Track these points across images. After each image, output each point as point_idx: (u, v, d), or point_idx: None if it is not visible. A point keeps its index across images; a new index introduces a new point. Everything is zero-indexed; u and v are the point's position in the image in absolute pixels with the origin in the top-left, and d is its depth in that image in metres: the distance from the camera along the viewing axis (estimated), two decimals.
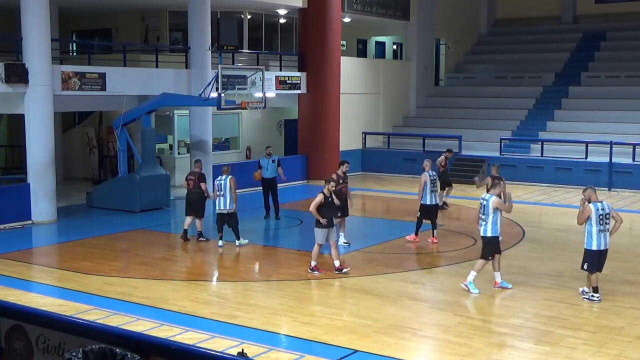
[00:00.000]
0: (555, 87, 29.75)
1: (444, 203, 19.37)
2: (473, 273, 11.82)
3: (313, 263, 12.98)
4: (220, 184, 14.99)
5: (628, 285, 12.23)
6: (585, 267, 11.30)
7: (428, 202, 15.47)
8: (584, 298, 11.29)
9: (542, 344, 9.51)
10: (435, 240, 15.51)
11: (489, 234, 11.85)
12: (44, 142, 17.59)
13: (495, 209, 11.76)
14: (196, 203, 15.74)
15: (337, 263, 12.87)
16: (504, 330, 10.03)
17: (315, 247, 12.97)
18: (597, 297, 11.20)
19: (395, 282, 12.48)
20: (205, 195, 15.80)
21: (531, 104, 29.08)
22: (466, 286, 11.74)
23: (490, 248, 11.87)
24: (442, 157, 19.67)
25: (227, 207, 14.91)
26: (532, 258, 14.43)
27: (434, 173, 15.88)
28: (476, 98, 30.36)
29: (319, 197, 12.79)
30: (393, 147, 28.09)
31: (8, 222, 17.12)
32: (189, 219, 15.84)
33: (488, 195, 11.94)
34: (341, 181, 14.96)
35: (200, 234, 15.74)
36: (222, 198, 14.94)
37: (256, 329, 10.07)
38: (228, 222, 15.06)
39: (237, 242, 15.14)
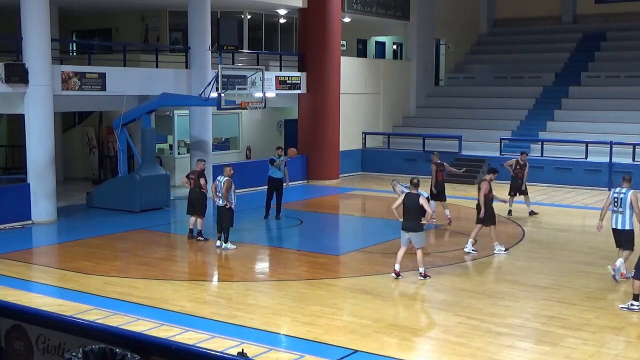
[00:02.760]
0: (555, 87, 29.75)
1: (532, 211, 18.70)
2: (621, 260, 12.38)
3: (423, 269, 12.63)
4: (218, 185, 14.99)
5: (628, 285, 12.21)
6: (633, 273, 10.87)
7: None
8: (622, 308, 10.88)
9: (542, 344, 9.52)
10: None
11: (627, 227, 12.28)
12: (44, 142, 17.58)
13: (631, 202, 12.16)
14: (197, 202, 15.73)
15: (422, 269, 12.63)
16: (504, 330, 10.03)
17: (422, 252, 12.63)
18: (638, 306, 10.77)
19: (395, 282, 12.48)
20: (204, 191, 15.76)
21: (531, 104, 29.08)
22: (627, 277, 12.08)
23: (633, 239, 12.34)
24: (513, 160, 18.93)
25: (222, 203, 14.90)
26: (532, 258, 14.43)
27: (404, 184, 16.01)
28: (476, 98, 30.36)
29: (425, 199, 12.56)
30: (393, 147, 28.09)
31: (8, 222, 17.12)
32: (192, 219, 15.83)
33: (624, 189, 12.29)
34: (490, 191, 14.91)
35: (199, 233, 15.72)
36: (219, 199, 14.93)
37: (256, 329, 10.07)
38: (222, 220, 15.00)
39: (223, 244, 14.96)
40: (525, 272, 13.22)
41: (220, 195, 14.86)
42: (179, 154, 24.19)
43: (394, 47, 33.94)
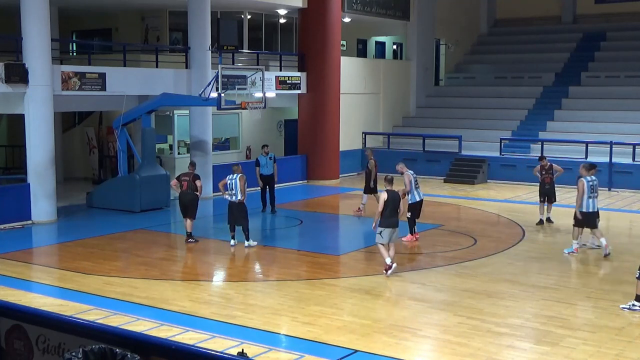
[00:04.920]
0: (555, 87, 29.75)
1: (548, 219, 17.96)
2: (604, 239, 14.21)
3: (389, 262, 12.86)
4: (231, 183, 15.04)
5: (628, 285, 12.21)
6: (638, 274, 10.74)
7: (417, 199, 15.63)
8: (623, 308, 10.83)
9: (542, 344, 9.52)
10: (417, 237, 15.58)
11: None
12: (44, 142, 17.58)
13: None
14: (190, 203, 15.71)
15: (388, 261, 12.84)
16: (504, 330, 10.03)
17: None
18: (639, 307, 10.74)
19: (395, 282, 12.48)
20: (199, 194, 15.77)
21: (531, 104, 29.08)
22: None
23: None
24: (538, 166, 18.43)
25: (236, 199, 14.97)
26: (532, 258, 14.43)
27: (413, 172, 16.11)
28: (476, 98, 30.36)
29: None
30: (393, 147, 28.06)
31: (8, 222, 17.12)
32: (188, 220, 15.83)
33: (594, 176, 14.31)
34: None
35: (189, 235, 15.68)
36: (233, 196, 14.99)
37: (256, 329, 10.07)
38: (238, 220, 15.08)
39: (246, 242, 15.10)
40: (525, 272, 13.22)
41: (234, 192, 14.99)
42: (179, 154, 24.17)
43: (394, 47, 33.94)
